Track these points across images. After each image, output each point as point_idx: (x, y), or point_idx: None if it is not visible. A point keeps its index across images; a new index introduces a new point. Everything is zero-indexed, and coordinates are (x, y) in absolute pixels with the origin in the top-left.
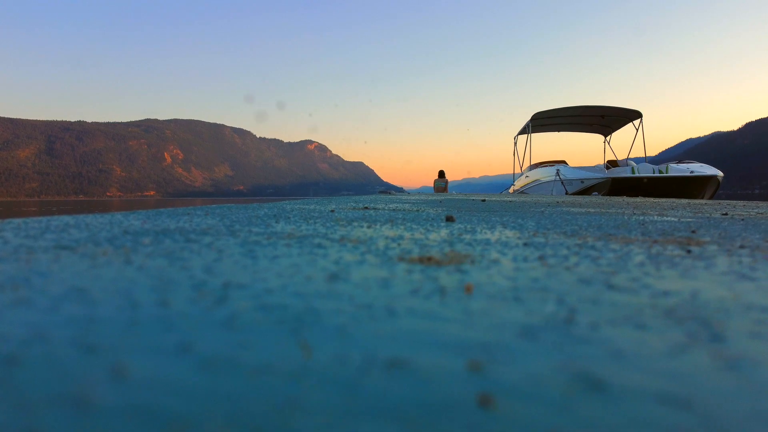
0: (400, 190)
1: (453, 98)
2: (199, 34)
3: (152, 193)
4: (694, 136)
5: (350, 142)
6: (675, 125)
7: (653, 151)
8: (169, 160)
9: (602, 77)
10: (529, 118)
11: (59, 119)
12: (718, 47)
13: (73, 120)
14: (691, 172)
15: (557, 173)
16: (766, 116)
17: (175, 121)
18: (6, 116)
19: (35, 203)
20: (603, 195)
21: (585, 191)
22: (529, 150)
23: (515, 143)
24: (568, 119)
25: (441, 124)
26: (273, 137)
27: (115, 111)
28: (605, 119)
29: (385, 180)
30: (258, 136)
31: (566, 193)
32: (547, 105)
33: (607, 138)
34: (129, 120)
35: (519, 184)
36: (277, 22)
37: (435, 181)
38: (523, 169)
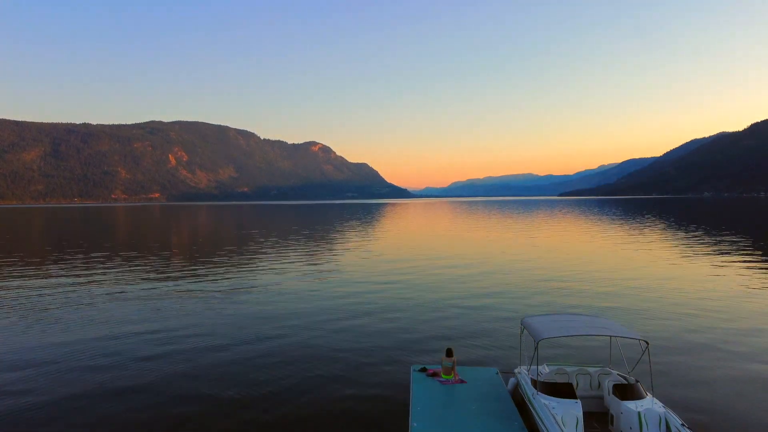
0: (404, 191)
1: (457, 99)
2: (202, 36)
3: (157, 195)
4: (699, 136)
5: (355, 143)
6: (680, 125)
7: (658, 152)
8: (173, 162)
9: (607, 75)
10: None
11: (64, 121)
12: (725, 46)
13: (78, 122)
14: None
15: None
16: None
17: (180, 122)
18: (11, 118)
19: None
20: None
21: None
22: (536, 361)
23: (521, 330)
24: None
25: (445, 124)
26: (277, 138)
27: (119, 113)
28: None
29: (389, 181)
30: (262, 138)
31: None
32: (552, 101)
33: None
34: (134, 122)
35: (526, 388)
36: (281, 24)
37: (442, 359)
38: (530, 365)
